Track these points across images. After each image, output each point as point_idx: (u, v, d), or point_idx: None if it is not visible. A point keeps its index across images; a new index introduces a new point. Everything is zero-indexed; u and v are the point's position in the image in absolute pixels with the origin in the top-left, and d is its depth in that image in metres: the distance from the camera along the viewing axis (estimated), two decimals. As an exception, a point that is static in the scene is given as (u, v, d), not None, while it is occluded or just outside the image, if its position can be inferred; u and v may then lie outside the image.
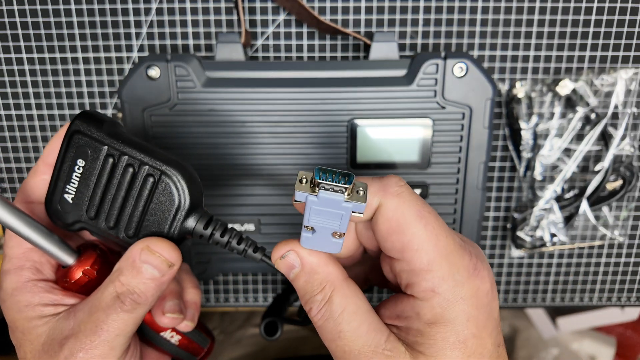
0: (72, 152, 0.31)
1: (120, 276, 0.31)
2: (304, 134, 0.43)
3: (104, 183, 0.31)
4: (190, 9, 0.47)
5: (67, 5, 0.47)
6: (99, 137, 0.30)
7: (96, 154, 0.30)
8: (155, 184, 0.31)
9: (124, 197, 0.31)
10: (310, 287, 0.30)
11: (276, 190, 0.45)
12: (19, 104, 0.50)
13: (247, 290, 0.56)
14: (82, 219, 0.31)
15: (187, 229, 0.32)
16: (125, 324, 0.30)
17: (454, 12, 0.47)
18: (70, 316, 0.31)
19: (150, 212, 0.31)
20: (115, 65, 0.49)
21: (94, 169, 0.31)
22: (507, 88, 0.49)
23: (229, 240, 0.33)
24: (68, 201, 0.31)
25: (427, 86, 0.42)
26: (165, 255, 0.31)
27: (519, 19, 0.47)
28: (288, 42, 0.48)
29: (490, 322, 0.29)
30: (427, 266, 0.27)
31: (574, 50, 0.48)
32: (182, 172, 0.31)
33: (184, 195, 0.31)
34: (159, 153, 0.31)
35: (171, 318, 0.36)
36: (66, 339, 0.30)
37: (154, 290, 0.31)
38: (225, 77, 0.42)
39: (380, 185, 0.28)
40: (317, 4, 0.47)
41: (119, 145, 0.30)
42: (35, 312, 0.31)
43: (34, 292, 0.32)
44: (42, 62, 0.49)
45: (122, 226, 0.31)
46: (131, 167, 0.30)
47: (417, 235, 0.27)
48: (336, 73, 0.42)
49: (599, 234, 0.54)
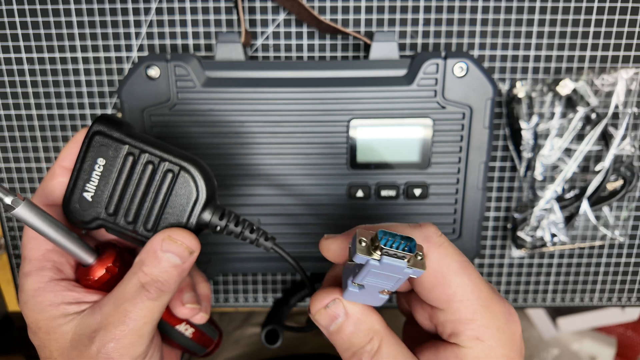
0: (93, 151, 0.32)
1: (143, 267, 0.32)
2: (304, 133, 0.43)
3: (124, 180, 0.33)
4: (190, 9, 0.47)
5: (67, 4, 0.47)
6: (119, 137, 0.32)
7: (117, 152, 0.32)
8: (174, 179, 0.33)
9: (144, 192, 0.33)
10: (357, 338, 0.30)
11: (276, 190, 0.45)
12: (18, 103, 0.50)
13: (247, 291, 0.56)
14: (101, 216, 0.33)
15: (204, 221, 0.34)
16: (151, 312, 0.32)
17: (454, 11, 0.47)
18: (95, 311, 0.32)
19: (169, 205, 0.33)
20: (115, 65, 0.49)
21: (114, 166, 0.32)
22: (508, 88, 0.49)
23: (242, 230, 0.35)
24: (87, 199, 0.33)
25: (427, 86, 0.42)
26: (187, 243, 0.33)
27: (519, 19, 0.47)
28: (288, 42, 0.48)
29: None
30: (472, 315, 0.28)
31: (574, 50, 0.48)
32: (199, 167, 0.33)
33: (201, 189, 0.33)
34: (176, 151, 0.33)
35: (190, 308, 0.37)
36: (95, 332, 0.31)
37: (176, 277, 0.33)
38: (225, 76, 0.42)
39: (422, 237, 0.29)
40: (317, 4, 0.47)
41: (139, 144, 0.32)
42: (59, 311, 0.32)
43: (57, 292, 0.33)
44: (42, 62, 0.49)
45: (141, 220, 0.33)
46: (151, 164, 0.33)
47: (463, 286, 0.28)
48: (336, 73, 0.42)
49: (600, 234, 0.54)
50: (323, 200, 0.45)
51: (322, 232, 0.46)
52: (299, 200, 0.45)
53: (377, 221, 0.46)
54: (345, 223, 0.46)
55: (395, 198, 0.45)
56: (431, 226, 0.29)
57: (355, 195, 0.45)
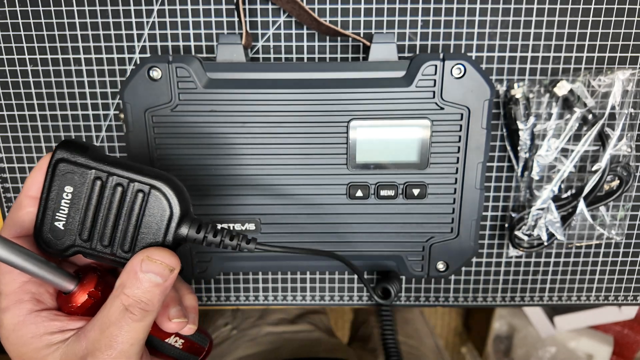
0: (58, 180, 0.32)
1: (124, 289, 0.31)
2: (304, 134, 0.44)
3: (94, 205, 0.32)
4: (192, 11, 0.48)
5: (70, 6, 0.47)
6: (84, 162, 0.32)
7: (84, 178, 0.32)
8: (145, 198, 0.32)
9: (116, 214, 0.32)
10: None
11: (277, 190, 0.45)
12: (21, 104, 0.50)
13: (247, 290, 0.57)
14: (76, 243, 0.33)
15: (181, 236, 0.33)
16: (137, 333, 0.32)
17: (453, 13, 0.48)
18: (81, 338, 0.32)
19: (144, 225, 0.33)
20: (117, 66, 0.49)
21: (82, 193, 0.32)
22: (505, 89, 0.49)
23: (222, 239, 0.35)
24: (59, 228, 0.32)
25: (425, 87, 0.42)
26: (166, 262, 0.32)
27: (516, 21, 0.48)
28: (288, 44, 0.49)
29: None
30: None
31: (571, 52, 0.49)
32: (170, 184, 0.32)
33: (174, 205, 0.32)
34: (145, 169, 0.32)
35: (177, 322, 0.37)
36: (83, 359, 0.31)
37: (159, 296, 0.32)
38: (226, 78, 0.43)
39: None
40: (317, 6, 0.48)
41: (105, 167, 0.32)
42: (43, 342, 0.32)
43: (38, 323, 0.32)
44: (45, 63, 0.49)
45: (117, 243, 0.33)
46: (120, 187, 0.32)
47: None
48: (336, 74, 0.43)
49: (596, 233, 0.54)
50: (323, 200, 0.46)
51: (322, 231, 0.46)
52: (299, 200, 0.46)
53: (376, 222, 0.46)
54: (344, 223, 0.46)
55: (394, 198, 0.45)
56: None
57: (355, 195, 0.45)
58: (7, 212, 0.54)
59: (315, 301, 0.57)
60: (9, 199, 0.53)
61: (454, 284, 0.57)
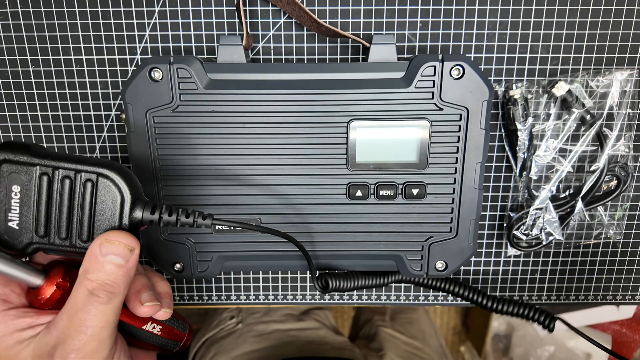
0: (3, 181, 0.32)
1: (87, 275, 0.32)
2: (304, 134, 0.44)
3: (45, 200, 0.33)
4: (193, 12, 0.48)
5: (71, 7, 0.48)
6: (27, 160, 0.32)
7: (29, 175, 0.32)
8: (95, 187, 0.33)
9: (69, 206, 0.33)
10: None
11: (277, 190, 0.45)
12: (23, 105, 0.50)
13: (247, 289, 0.57)
14: (34, 240, 0.33)
15: (136, 219, 0.34)
16: (106, 316, 0.32)
17: (452, 15, 0.48)
18: (51, 329, 0.33)
19: (98, 213, 0.33)
20: (119, 67, 0.49)
21: (30, 190, 0.32)
22: (504, 90, 0.50)
23: (178, 218, 0.35)
24: (14, 228, 0.33)
25: (424, 88, 0.43)
26: (125, 242, 0.33)
27: (515, 22, 0.48)
28: (288, 45, 0.49)
29: None
30: None
31: (569, 52, 0.49)
32: (117, 170, 0.33)
33: (124, 190, 0.33)
34: (90, 160, 0.33)
35: (150, 306, 0.37)
36: (54, 348, 0.32)
37: (123, 277, 0.33)
38: (227, 79, 0.43)
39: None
40: (317, 7, 0.48)
41: (49, 162, 0.32)
42: (14, 339, 0.33)
43: (7, 322, 0.33)
44: (47, 64, 0.49)
45: (75, 234, 0.33)
46: (68, 179, 0.33)
47: None
48: (336, 75, 0.43)
49: (595, 233, 0.55)
50: (323, 199, 0.46)
51: (322, 231, 0.47)
52: (299, 200, 0.46)
53: (375, 221, 0.47)
54: (344, 222, 0.47)
55: (394, 198, 0.46)
56: None
57: (355, 195, 0.46)
58: None
59: (315, 300, 0.57)
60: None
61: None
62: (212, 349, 0.79)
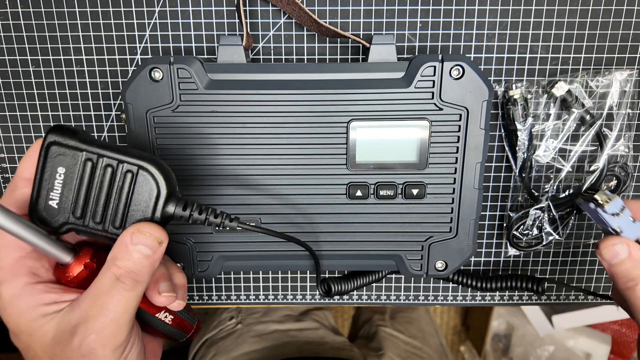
0: (51, 161, 0.34)
1: (116, 261, 0.34)
2: (304, 134, 0.44)
3: (86, 184, 0.34)
4: (193, 12, 0.48)
5: (71, 7, 0.48)
6: (75, 145, 0.34)
7: (75, 160, 0.34)
8: (134, 178, 0.34)
9: (107, 193, 0.35)
10: (636, 271, 0.40)
11: (277, 190, 0.46)
12: (23, 105, 0.50)
13: (248, 289, 0.57)
14: (70, 220, 0.34)
15: (168, 213, 0.36)
16: (128, 302, 0.34)
17: (451, 15, 0.48)
18: (74, 308, 0.34)
19: (133, 203, 0.35)
20: (119, 67, 0.49)
21: (74, 173, 0.34)
22: (503, 90, 0.50)
23: (207, 217, 0.37)
24: (53, 207, 0.34)
25: (424, 88, 0.43)
26: (155, 234, 0.34)
27: (515, 22, 0.48)
28: (289, 45, 0.49)
29: None
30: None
31: (569, 53, 0.49)
32: (156, 165, 0.35)
33: (161, 184, 0.35)
34: (133, 152, 0.35)
35: (166, 297, 0.39)
36: (76, 327, 0.33)
37: (148, 267, 0.34)
38: (227, 79, 0.43)
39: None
40: (317, 8, 0.48)
41: (95, 149, 0.34)
42: (38, 312, 0.34)
43: (34, 295, 0.34)
44: (47, 64, 0.49)
45: (108, 220, 0.35)
46: (110, 167, 0.34)
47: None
48: (336, 75, 0.43)
49: (594, 233, 0.55)
50: (323, 200, 0.46)
51: (322, 231, 0.47)
52: (299, 200, 0.46)
53: (375, 221, 0.47)
54: (344, 222, 0.47)
55: (394, 198, 0.46)
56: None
57: (355, 195, 0.46)
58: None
59: (315, 300, 0.57)
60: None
61: (452, 283, 0.58)
62: (211, 349, 0.79)
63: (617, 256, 0.40)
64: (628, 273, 0.40)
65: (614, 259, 0.40)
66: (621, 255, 0.40)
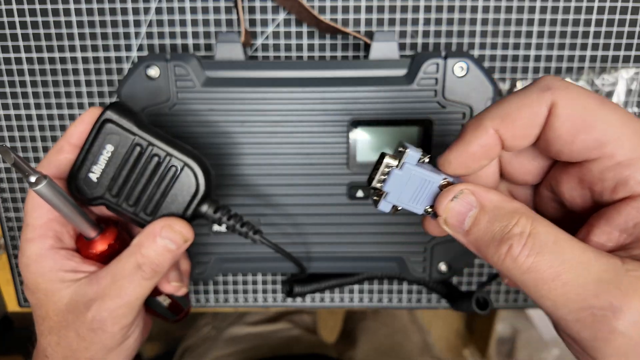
0: (102, 137, 0.35)
1: (141, 249, 0.35)
2: (304, 133, 0.43)
3: (129, 167, 0.35)
4: (190, 8, 0.47)
5: (66, 4, 0.47)
6: (129, 128, 0.35)
7: (125, 141, 0.35)
8: (177, 173, 0.36)
9: (147, 180, 0.36)
10: (499, 225, 0.24)
11: (276, 189, 0.45)
12: (17, 103, 0.50)
13: (246, 291, 0.56)
14: (104, 196, 0.36)
15: (200, 213, 0.37)
16: (144, 289, 0.36)
17: (455, 11, 0.47)
18: (93, 282, 0.35)
19: (170, 195, 0.36)
20: (115, 65, 0.49)
21: (121, 154, 0.35)
22: (508, 88, 0.49)
23: (234, 224, 0.39)
24: (92, 179, 0.36)
25: (427, 86, 0.42)
26: (184, 232, 0.36)
27: (519, 19, 0.47)
28: (288, 42, 0.48)
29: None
30: (634, 152, 0.24)
31: (574, 50, 0.48)
32: (201, 165, 0.36)
33: (201, 184, 0.36)
34: (182, 146, 0.36)
35: (174, 286, 0.41)
36: (92, 301, 0.35)
37: (170, 261, 0.36)
38: (224, 76, 0.42)
39: (541, 88, 0.25)
40: (317, 4, 0.47)
41: (148, 136, 0.35)
42: (57, 277, 0.35)
43: (56, 259, 0.36)
44: (41, 61, 0.49)
45: (142, 205, 0.36)
46: (157, 157, 0.35)
47: (609, 123, 0.24)
48: (336, 72, 0.42)
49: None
50: (323, 200, 0.45)
51: (322, 232, 0.46)
52: (299, 200, 0.45)
53: (377, 222, 0.46)
54: (345, 223, 0.46)
55: (396, 198, 0.45)
56: (549, 76, 0.25)
57: (355, 195, 0.45)
58: (2, 209, 0.53)
59: (314, 303, 0.57)
60: (5, 199, 0.53)
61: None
62: (188, 358, 0.80)
63: (469, 212, 0.26)
64: (493, 232, 0.25)
65: (465, 220, 0.26)
66: (473, 209, 0.26)
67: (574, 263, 0.22)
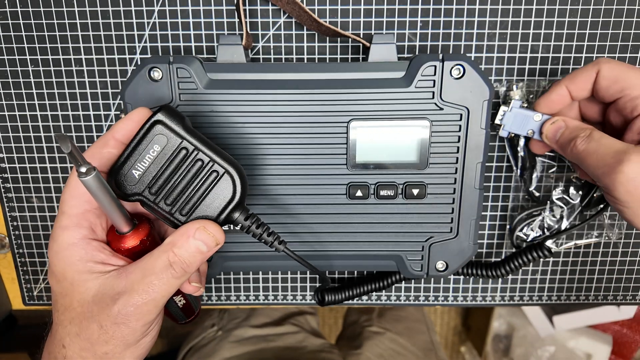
0: (150, 137, 0.36)
1: (174, 247, 0.36)
2: (304, 134, 0.44)
3: (172, 169, 0.36)
4: (192, 12, 0.48)
5: (70, 7, 0.47)
6: (178, 131, 0.36)
7: (173, 144, 0.36)
8: (217, 179, 0.37)
9: (187, 183, 0.37)
10: (573, 134, 0.42)
11: (276, 190, 0.45)
12: (22, 105, 0.50)
13: (247, 289, 0.57)
14: (143, 193, 0.37)
15: (232, 218, 0.38)
16: (171, 288, 0.36)
17: (452, 14, 0.48)
18: (121, 276, 0.36)
19: (207, 199, 0.37)
20: (118, 67, 0.49)
21: (167, 155, 0.36)
22: (504, 89, 0.50)
23: (262, 233, 0.40)
24: (134, 176, 0.36)
25: (425, 88, 0.42)
26: (217, 235, 0.37)
27: (515, 21, 0.48)
28: (288, 44, 0.49)
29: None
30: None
31: (570, 52, 0.49)
32: (240, 174, 0.37)
33: (238, 192, 0.37)
34: (224, 154, 0.37)
35: (194, 287, 0.41)
36: (119, 295, 0.35)
37: (199, 262, 0.37)
38: (226, 78, 0.43)
39: (592, 63, 0.42)
40: (317, 7, 0.48)
41: (195, 142, 0.36)
42: (86, 267, 0.36)
43: (88, 250, 0.36)
44: (46, 63, 0.49)
45: (178, 206, 0.37)
46: (200, 162, 0.37)
47: (630, 78, 0.41)
48: (336, 75, 0.43)
49: (595, 233, 0.55)
50: (323, 200, 0.46)
51: (322, 231, 0.47)
52: (299, 200, 0.46)
53: (375, 222, 0.46)
54: (344, 222, 0.47)
55: (394, 197, 0.46)
56: (601, 57, 0.44)
57: (355, 195, 0.45)
58: (7, 208, 0.54)
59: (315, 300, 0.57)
60: (10, 198, 0.53)
61: (453, 284, 0.58)
62: (193, 357, 0.79)
63: (559, 130, 0.44)
64: (569, 136, 0.43)
65: (557, 134, 0.44)
66: (562, 128, 0.44)
67: (607, 145, 0.39)
